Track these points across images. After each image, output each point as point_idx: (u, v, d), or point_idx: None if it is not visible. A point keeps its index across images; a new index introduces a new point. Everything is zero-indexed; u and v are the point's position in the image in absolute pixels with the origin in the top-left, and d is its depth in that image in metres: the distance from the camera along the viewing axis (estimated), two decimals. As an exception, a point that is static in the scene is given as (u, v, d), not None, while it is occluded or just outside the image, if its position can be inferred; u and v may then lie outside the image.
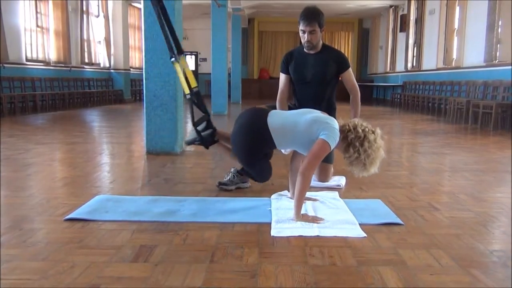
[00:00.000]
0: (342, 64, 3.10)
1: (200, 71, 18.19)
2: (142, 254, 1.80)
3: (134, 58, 15.32)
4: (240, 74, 14.11)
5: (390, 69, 14.85)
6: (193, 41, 17.76)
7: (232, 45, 13.82)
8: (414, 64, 12.58)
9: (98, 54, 13.21)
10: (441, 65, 10.71)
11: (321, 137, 2.24)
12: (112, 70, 13.67)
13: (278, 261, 1.75)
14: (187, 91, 2.82)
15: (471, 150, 4.92)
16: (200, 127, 2.77)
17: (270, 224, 2.17)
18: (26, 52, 9.73)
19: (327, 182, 3.03)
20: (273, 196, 2.68)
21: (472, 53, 9.00)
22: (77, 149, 4.62)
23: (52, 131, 6.18)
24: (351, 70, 3.16)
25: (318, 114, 2.42)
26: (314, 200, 2.58)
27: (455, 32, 10.18)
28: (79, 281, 1.55)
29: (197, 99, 2.82)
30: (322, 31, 3.02)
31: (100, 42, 13.24)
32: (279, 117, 2.50)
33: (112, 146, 4.99)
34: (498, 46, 8.00)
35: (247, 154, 2.59)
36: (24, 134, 5.67)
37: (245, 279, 1.59)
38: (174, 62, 2.88)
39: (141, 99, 13.35)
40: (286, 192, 2.74)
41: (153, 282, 1.56)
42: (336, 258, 1.78)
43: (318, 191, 2.79)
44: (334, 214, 2.32)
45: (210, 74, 10.21)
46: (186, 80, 2.84)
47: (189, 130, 4.35)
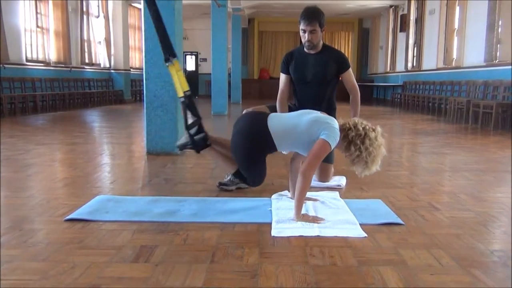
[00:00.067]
0: (343, 64, 3.10)
1: (200, 71, 18.20)
2: (143, 254, 1.80)
3: (134, 59, 15.32)
4: (240, 74, 14.12)
5: (390, 69, 14.85)
6: (193, 41, 17.77)
7: (232, 45, 13.82)
8: (414, 64, 12.58)
9: (98, 54, 13.21)
10: (441, 65, 10.71)
11: (321, 137, 2.24)
12: (112, 71, 13.67)
13: (279, 261, 1.75)
14: (181, 94, 2.84)
15: (472, 150, 4.92)
16: (192, 131, 2.78)
17: (270, 224, 2.17)
18: (26, 52, 9.74)
19: (328, 182, 3.03)
20: (273, 196, 2.68)
21: (472, 53, 9.00)
22: (77, 149, 4.62)
23: (52, 132, 6.18)
24: (351, 71, 3.17)
25: (318, 114, 2.42)
26: (315, 200, 2.58)
27: (455, 32, 10.18)
28: (80, 281, 1.56)
29: (189, 102, 2.83)
30: (323, 31, 3.03)
31: (100, 42, 13.24)
32: (279, 119, 2.51)
33: (112, 146, 4.99)
34: (498, 46, 8.00)
35: (248, 157, 2.60)
36: (24, 135, 5.67)
37: (245, 279, 1.59)
38: (169, 65, 2.90)
39: (141, 100, 13.36)
40: (286, 192, 2.74)
41: (153, 283, 1.56)
42: (336, 258, 1.78)
43: (319, 191, 2.79)
44: (334, 214, 2.32)
45: (210, 74, 10.20)
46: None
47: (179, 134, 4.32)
